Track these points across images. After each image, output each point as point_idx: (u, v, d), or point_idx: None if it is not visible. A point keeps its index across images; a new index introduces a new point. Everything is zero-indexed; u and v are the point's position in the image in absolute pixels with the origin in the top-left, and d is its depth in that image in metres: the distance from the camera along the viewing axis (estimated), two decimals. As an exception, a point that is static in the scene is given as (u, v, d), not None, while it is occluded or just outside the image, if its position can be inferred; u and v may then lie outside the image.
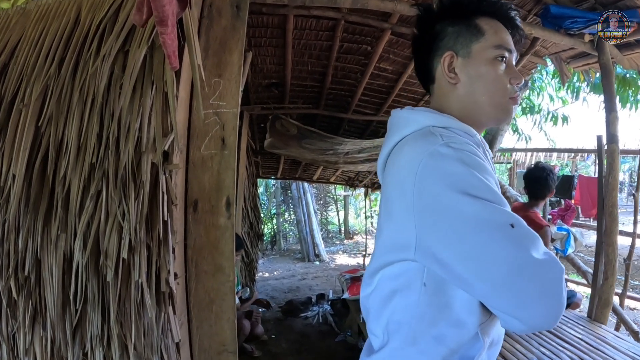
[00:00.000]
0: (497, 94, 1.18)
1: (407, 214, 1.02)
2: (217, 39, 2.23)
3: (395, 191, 1.09)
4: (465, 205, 0.94)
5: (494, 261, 0.91)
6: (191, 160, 2.18)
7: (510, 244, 0.91)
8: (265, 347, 5.42)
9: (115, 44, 2.03)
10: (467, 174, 0.98)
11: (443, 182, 0.98)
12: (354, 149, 6.40)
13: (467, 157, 1.01)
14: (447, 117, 1.16)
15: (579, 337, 3.69)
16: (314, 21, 4.25)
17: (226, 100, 2.20)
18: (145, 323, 1.93)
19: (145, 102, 1.93)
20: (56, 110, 2.08)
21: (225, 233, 2.21)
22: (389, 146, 1.21)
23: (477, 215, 0.94)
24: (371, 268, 1.19)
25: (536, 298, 0.90)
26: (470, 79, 1.19)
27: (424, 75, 1.31)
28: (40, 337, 2.08)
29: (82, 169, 1.94)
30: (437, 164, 1.00)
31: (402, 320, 1.10)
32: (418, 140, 1.10)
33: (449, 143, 1.02)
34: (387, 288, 1.13)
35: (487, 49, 1.18)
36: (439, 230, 0.97)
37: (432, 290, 1.05)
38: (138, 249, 1.86)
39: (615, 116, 4.14)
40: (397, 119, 1.23)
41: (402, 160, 1.10)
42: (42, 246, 2.02)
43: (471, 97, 1.20)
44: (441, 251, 0.97)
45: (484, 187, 0.97)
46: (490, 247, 0.92)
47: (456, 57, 1.20)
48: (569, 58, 4.75)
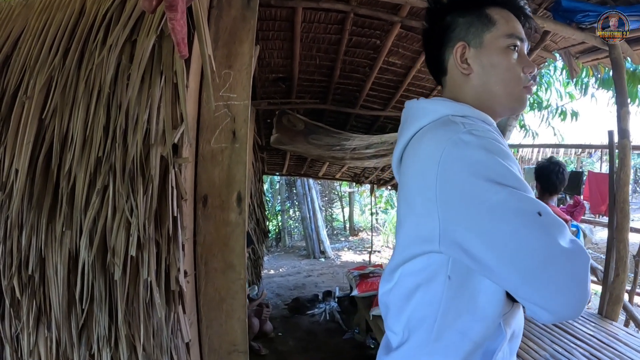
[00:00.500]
0: (511, 83, 1.17)
1: (430, 204, 1.00)
2: (227, 30, 2.17)
3: (416, 182, 1.07)
4: (492, 193, 0.92)
5: (523, 250, 0.89)
6: (200, 154, 2.13)
7: (539, 232, 0.89)
8: (272, 345, 5.37)
9: (122, 33, 1.96)
10: (492, 162, 0.96)
11: (468, 170, 0.96)
12: (361, 145, 6.37)
13: (490, 144, 0.99)
14: (465, 106, 1.15)
15: (591, 334, 3.68)
16: (323, 14, 4.20)
17: (237, 92, 2.14)
18: (154, 323, 1.88)
19: (154, 93, 1.86)
20: (61, 102, 2.01)
21: (236, 229, 2.16)
22: (405, 138, 1.18)
23: (504, 203, 0.91)
24: (392, 264, 1.17)
25: (565, 288, 0.87)
26: (484, 69, 1.17)
27: (436, 67, 1.29)
28: (45, 337, 2.03)
29: (88, 163, 1.87)
30: (460, 152, 0.98)
31: (425, 316, 1.08)
32: (438, 129, 1.07)
33: (471, 130, 1.01)
34: (410, 283, 1.11)
35: (499, 38, 1.16)
36: (465, 220, 0.95)
37: (457, 283, 1.04)
38: (147, 246, 1.80)
39: (627, 111, 4.12)
40: (414, 110, 1.21)
41: (422, 151, 1.07)
42: (46, 244, 1.96)
43: (485, 87, 1.18)
44: (468, 241, 0.95)
45: (509, 175, 0.94)
46: (519, 235, 0.89)
47: (468, 48, 1.19)
48: (578, 53, 4.69)
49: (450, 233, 0.98)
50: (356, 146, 6.39)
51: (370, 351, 5.13)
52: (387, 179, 9.12)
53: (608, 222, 4.37)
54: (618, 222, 4.15)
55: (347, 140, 6.26)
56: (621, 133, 4.12)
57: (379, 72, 5.22)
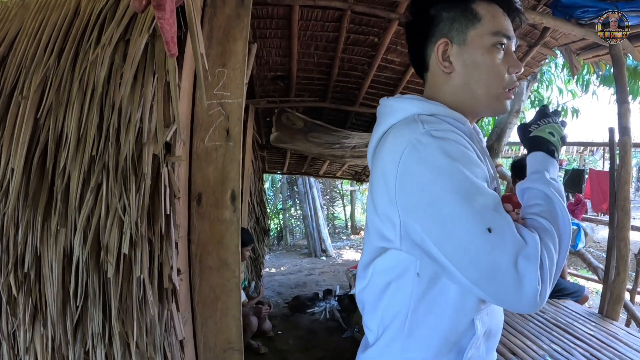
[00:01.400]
0: (494, 85, 1.14)
1: (391, 206, 1.02)
2: (220, 28, 2.16)
3: (379, 184, 1.07)
4: (445, 203, 0.94)
5: (474, 261, 0.92)
6: (194, 152, 2.12)
7: (487, 247, 0.91)
8: (272, 343, 5.37)
9: (115, 32, 1.97)
10: (449, 168, 0.96)
11: (424, 177, 0.97)
12: (361, 143, 6.36)
13: (450, 146, 0.99)
14: (436, 104, 1.13)
15: (591, 334, 3.67)
16: (320, 12, 4.20)
17: (230, 90, 2.13)
18: (147, 320, 1.87)
19: (146, 92, 1.86)
20: (55, 101, 2.02)
21: (231, 227, 2.16)
22: (376, 136, 1.19)
23: (456, 216, 0.93)
24: (364, 261, 1.20)
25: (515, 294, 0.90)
26: (466, 68, 1.14)
27: (418, 62, 1.27)
28: (41, 335, 2.03)
29: (82, 162, 1.88)
30: (418, 155, 0.98)
31: (397, 312, 1.10)
32: (401, 129, 1.07)
33: (430, 131, 1.00)
34: (381, 280, 1.13)
35: (483, 35, 1.12)
36: (422, 224, 0.97)
37: (426, 280, 1.05)
38: (139, 243, 1.80)
39: (627, 108, 4.10)
40: (385, 108, 1.20)
41: (385, 152, 1.08)
42: (41, 241, 1.96)
43: (466, 87, 1.15)
44: (427, 244, 0.97)
45: (464, 182, 0.95)
46: (469, 249, 0.92)
47: (451, 45, 1.15)
48: (579, 49, 4.68)
49: (410, 234, 1.00)
50: (356, 144, 6.38)
51: (370, 349, 5.10)
52: (387, 177, 9.06)
53: (609, 220, 4.35)
54: (619, 221, 4.12)
55: (347, 138, 6.26)
56: (622, 130, 4.10)
57: (377, 70, 5.22)
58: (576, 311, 4.21)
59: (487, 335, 1.13)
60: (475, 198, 0.94)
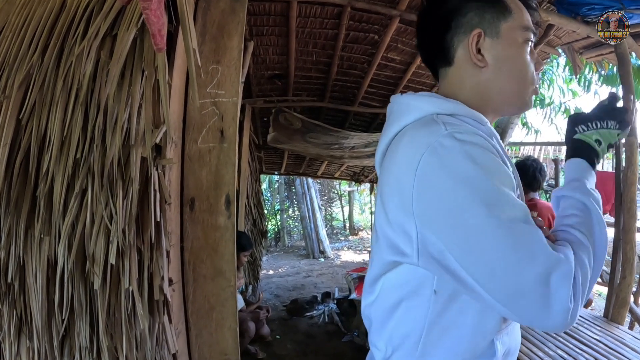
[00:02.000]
0: (524, 81, 1.07)
1: (406, 216, 0.92)
2: (214, 23, 2.06)
3: (392, 190, 0.98)
4: (470, 215, 0.85)
5: (499, 277, 0.83)
6: (187, 154, 2.02)
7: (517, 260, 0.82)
8: (270, 348, 5.30)
9: (103, 24, 1.85)
10: (473, 176, 0.87)
11: (447, 184, 0.88)
12: (360, 143, 6.29)
13: (475, 150, 0.89)
14: (455, 103, 1.04)
15: (596, 339, 3.60)
16: (319, 8, 4.08)
17: (225, 88, 2.03)
18: (137, 334, 1.78)
19: (134, 90, 1.75)
20: (39, 101, 1.91)
21: (226, 234, 2.06)
22: (387, 137, 1.09)
23: (482, 228, 0.84)
24: (372, 275, 1.10)
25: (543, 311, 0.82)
26: (498, 63, 1.05)
27: (436, 56, 1.15)
28: (27, 347, 1.93)
29: (66, 166, 1.77)
30: (440, 160, 0.89)
31: (408, 333, 1.01)
32: (418, 130, 0.98)
33: (453, 133, 0.91)
34: (392, 297, 1.04)
35: (516, 29, 1.06)
36: (443, 238, 0.88)
37: (444, 297, 0.97)
38: (128, 253, 1.70)
39: (634, 108, 3.99)
40: (398, 106, 1.10)
41: (399, 155, 0.97)
42: (25, 250, 1.85)
43: (495, 83, 1.07)
44: (447, 259, 0.88)
45: (490, 190, 0.86)
46: (495, 264, 0.83)
47: (483, 37, 1.06)
48: (582, 48, 4.57)
49: (429, 248, 0.90)
50: (355, 144, 6.32)
51: (370, 354, 5.03)
52: (386, 177, 9.05)
53: (614, 222, 4.26)
54: (625, 223, 4.04)
55: (346, 139, 6.19)
56: (628, 130, 4.01)
57: (377, 69, 5.11)
58: (581, 315, 4.13)
59: (506, 355, 1.04)
60: (503, 209, 0.84)
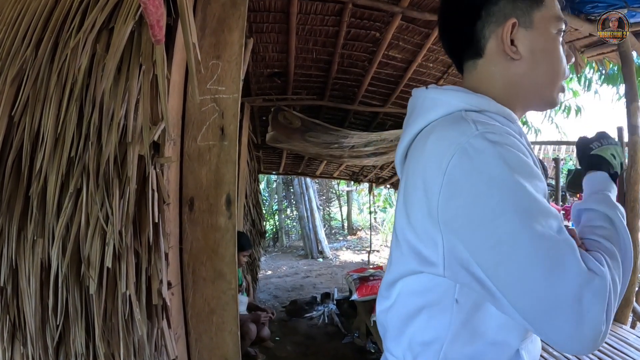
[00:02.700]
0: (558, 75, 1.00)
1: (431, 222, 0.86)
2: (215, 17, 2.00)
3: (416, 192, 0.91)
4: (503, 221, 0.78)
5: (536, 291, 0.76)
6: (186, 152, 1.96)
7: (551, 273, 0.75)
8: (270, 350, 5.24)
9: (99, 18, 1.78)
10: (507, 180, 0.80)
11: (477, 189, 0.81)
12: (360, 142, 6.25)
13: (508, 153, 0.82)
14: (484, 98, 0.96)
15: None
16: (320, 4, 4.02)
17: (225, 84, 1.97)
18: (135, 340, 1.71)
19: (131, 85, 1.68)
20: (32, 97, 1.84)
21: (226, 235, 2.00)
22: (411, 133, 1.01)
23: (516, 236, 0.77)
24: (388, 279, 1.04)
25: (578, 330, 0.74)
26: (533, 55, 0.98)
27: (464, 47, 1.06)
28: (21, 354, 1.86)
29: (60, 164, 1.69)
30: (471, 163, 0.82)
31: (430, 341, 0.95)
32: (447, 128, 0.90)
33: (485, 134, 0.84)
34: (411, 305, 0.98)
35: (549, 20, 0.99)
36: (473, 246, 0.81)
37: (467, 306, 0.91)
38: (124, 256, 1.63)
39: (637, 106, 4.01)
40: (422, 100, 1.02)
41: (426, 155, 0.90)
42: (18, 253, 1.79)
43: (530, 77, 1.00)
44: (477, 270, 0.81)
45: (526, 198, 0.79)
46: (529, 276, 0.76)
47: (519, 29, 0.98)
48: (583, 47, 4.54)
49: (457, 257, 0.84)
50: (355, 144, 6.27)
51: (371, 356, 4.99)
52: (386, 177, 9.04)
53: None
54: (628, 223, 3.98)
55: (345, 138, 6.14)
56: (631, 129, 3.99)
57: (378, 67, 5.06)
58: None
59: None
60: (537, 218, 0.77)
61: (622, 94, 7.34)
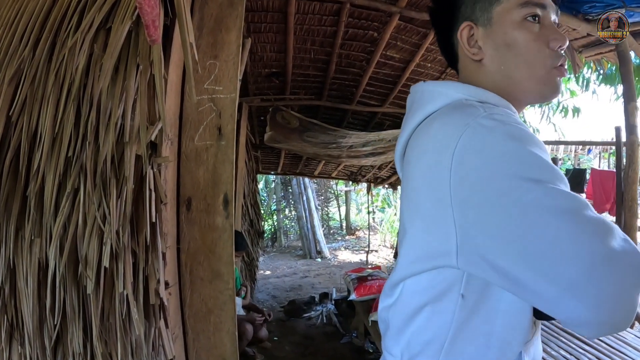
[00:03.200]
0: (535, 64, 0.96)
1: (442, 208, 0.82)
2: (212, 16, 2.00)
3: (423, 180, 0.88)
4: (524, 190, 0.74)
5: (565, 258, 0.70)
6: (183, 152, 1.96)
7: (582, 234, 0.70)
8: (268, 350, 5.23)
9: (96, 17, 1.77)
10: (522, 151, 0.77)
11: (492, 163, 0.78)
12: (358, 142, 6.24)
13: (517, 130, 0.80)
14: (484, 90, 0.96)
15: (599, 338, 3.63)
16: (318, 4, 4.03)
17: (223, 84, 1.97)
18: (133, 340, 1.70)
19: (128, 85, 1.68)
20: (29, 97, 1.83)
21: (223, 235, 2.00)
22: (409, 127, 0.99)
23: (539, 202, 0.73)
24: (395, 278, 1.00)
25: (614, 298, 0.69)
26: (498, 51, 0.98)
27: (448, 54, 1.10)
28: (19, 353, 1.85)
29: (57, 164, 1.69)
30: (482, 140, 0.80)
31: (430, 340, 0.92)
32: (451, 113, 0.89)
33: (492, 114, 0.83)
34: (415, 301, 0.94)
35: (511, 10, 0.96)
36: (491, 225, 0.76)
37: (471, 303, 0.87)
38: (122, 255, 1.62)
39: (635, 106, 4.02)
40: (420, 94, 1.02)
41: (431, 140, 0.88)
42: (15, 252, 1.78)
43: (503, 73, 0.98)
44: (495, 251, 0.76)
45: (543, 166, 0.76)
46: (559, 240, 0.70)
47: (476, 27, 1.00)
48: (581, 47, 4.54)
49: (471, 244, 0.80)
50: (353, 144, 6.27)
51: (369, 356, 4.99)
52: (384, 177, 9.04)
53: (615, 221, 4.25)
54: (626, 222, 4.04)
55: (344, 138, 6.14)
56: (629, 129, 4.01)
57: (376, 67, 5.06)
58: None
59: None
60: (559, 184, 0.75)
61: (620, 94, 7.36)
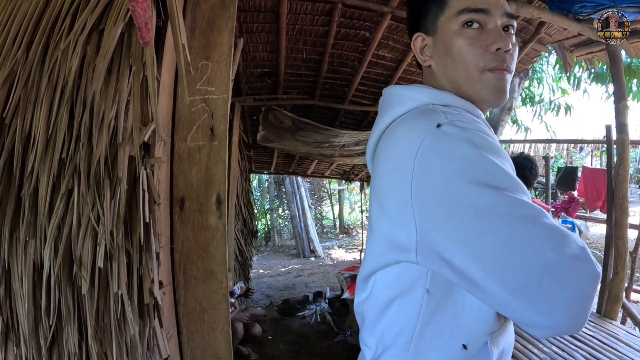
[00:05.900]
0: (469, 67, 1.02)
1: (404, 207, 0.87)
2: (204, 17, 2.00)
3: (389, 181, 0.93)
4: (479, 196, 0.78)
5: (515, 262, 0.75)
6: (176, 153, 1.96)
7: (534, 241, 0.75)
8: (263, 349, 5.25)
9: (89, 19, 1.78)
10: (479, 158, 0.82)
11: (450, 168, 0.82)
12: (351, 141, 6.26)
13: (477, 137, 0.85)
14: (448, 94, 1.02)
15: (591, 335, 3.67)
16: (310, 4, 4.06)
17: (215, 85, 1.98)
18: (127, 339, 1.71)
19: (121, 86, 1.69)
20: (23, 98, 1.84)
21: (217, 234, 2.00)
22: (379, 129, 1.06)
23: (493, 207, 0.77)
24: (364, 272, 1.07)
25: (562, 303, 0.74)
26: (440, 57, 1.08)
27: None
28: (15, 354, 1.87)
29: (51, 165, 1.70)
30: (441, 145, 0.84)
31: (400, 333, 0.98)
32: (416, 118, 0.95)
33: (454, 121, 0.88)
34: (385, 295, 1.00)
35: (450, 19, 1.04)
36: (446, 226, 0.81)
37: (437, 297, 0.93)
38: (116, 256, 1.63)
39: (625, 105, 4.07)
40: (389, 97, 1.08)
41: (396, 144, 0.94)
42: (10, 253, 1.79)
43: (446, 78, 1.07)
44: (450, 251, 0.81)
45: (499, 173, 0.81)
46: (510, 245, 0.75)
47: (427, 37, 1.11)
48: (572, 46, 4.60)
49: (429, 242, 0.85)
50: (345, 143, 6.28)
51: (363, 354, 5.00)
52: (377, 176, 9.03)
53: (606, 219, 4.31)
54: (617, 219, 4.08)
55: (336, 137, 6.15)
56: (619, 128, 4.06)
57: (368, 66, 5.10)
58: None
59: (500, 356, 0.99)
60: (514, 192, 0.79)
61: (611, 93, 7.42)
